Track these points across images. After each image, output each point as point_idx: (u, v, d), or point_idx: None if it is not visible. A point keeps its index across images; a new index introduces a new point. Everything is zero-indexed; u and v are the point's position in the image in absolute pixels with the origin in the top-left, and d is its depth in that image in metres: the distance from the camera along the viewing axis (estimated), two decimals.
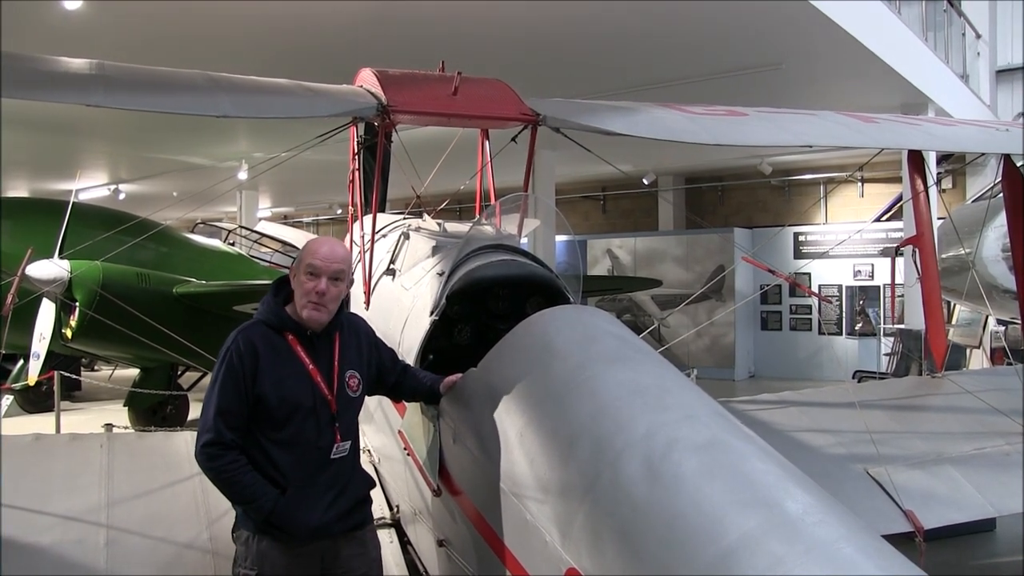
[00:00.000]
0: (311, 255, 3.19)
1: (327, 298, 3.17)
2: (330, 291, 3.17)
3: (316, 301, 3.16)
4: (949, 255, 10.57)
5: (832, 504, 2.26)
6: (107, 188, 19.88)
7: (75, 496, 3.91)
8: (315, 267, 3.16)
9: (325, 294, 3.16)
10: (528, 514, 2.69)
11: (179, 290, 10.44)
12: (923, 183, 5.99)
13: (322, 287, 3.15)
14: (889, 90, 11.99)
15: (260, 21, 8.95)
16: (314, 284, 3.15)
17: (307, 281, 3.16)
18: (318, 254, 3.19)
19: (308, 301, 3.16)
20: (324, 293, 3.15)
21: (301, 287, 3.18)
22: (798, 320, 18.41)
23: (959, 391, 5.66)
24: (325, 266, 3.17)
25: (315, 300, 3.15)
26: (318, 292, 3.15)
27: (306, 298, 3.16)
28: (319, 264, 3.17)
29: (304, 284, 3.16)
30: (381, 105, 4.16)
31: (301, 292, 3.17)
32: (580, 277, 4.35)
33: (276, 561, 3.06)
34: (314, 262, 3.17)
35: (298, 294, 3.19)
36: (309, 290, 3.15)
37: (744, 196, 20.79)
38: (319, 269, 3.16)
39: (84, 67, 3.74)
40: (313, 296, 3.15)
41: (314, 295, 3.15)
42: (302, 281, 3.17)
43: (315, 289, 3.14)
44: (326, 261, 3.18)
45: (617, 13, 8.99)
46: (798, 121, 5.14)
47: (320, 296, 3.15)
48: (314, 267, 3.16)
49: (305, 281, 3.16)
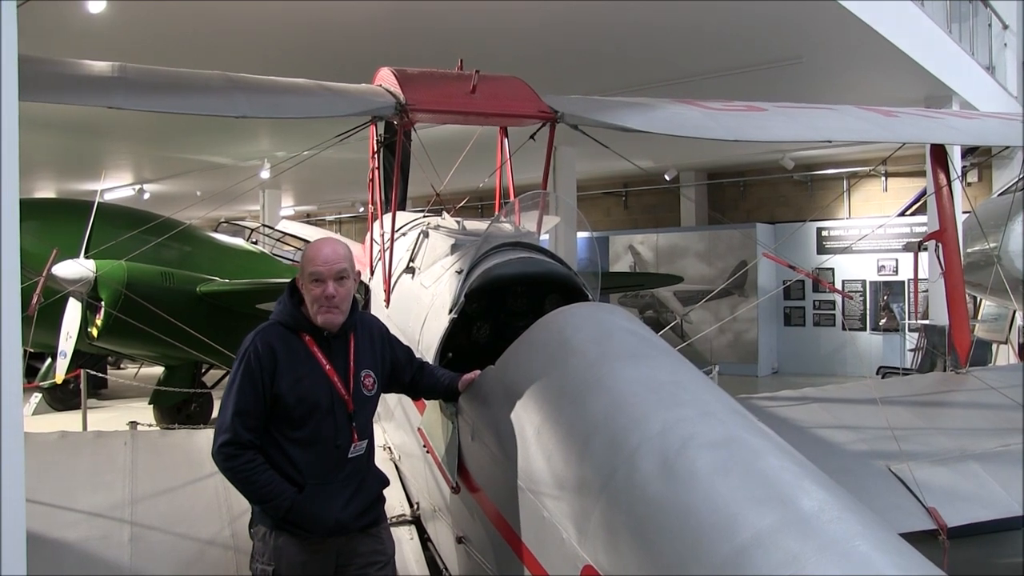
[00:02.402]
0: (311, 263, 3.22)
1: (337, 299, 3.20)
2: (339, 292, 3.20)
3: (327, 305, 3.19)
4: (974, 249, 10.44)
5: (849, 501, 2.25)
6: (132, 188, 20.09)
7: (100, 493, 3.98)
8: (319, 273, 3.19)
9: (335, 296, 3.19)
10: (545, 511, 2.70)
11: (203, 289, 10.54)
12: (946, 177, 5.92)
13: (330, 291, 3.18)
14: (912, 83, 11.84)
15: (279, 21, 8.99)
16: (321, 290, 3.18)
17: (314, 288, 3.19)
18: (318, 260, 3.22)
19: (320, 307, 3.19)
20: (333, 296, 3.19)
21: (310, 294, 3.21)
22: (821, 316, 18.26)
23: (983, 387, 5.59)
24: (327, 270, 3.19)
25: (326, 305, 3.18)
26: (327, 297, 3.18)
27: (317, 304, 3.19)
28: (321, 270, 3.19)
29: (312, 291, 3.20)
30: (400, 104, 4.19)
31: (311, 299, 3.20)
32: (599, 274, 4.36)
33: (293, 557, 3.10)
34: (316, 269, 3.20)
35: (308, 301, 3.22)
36: (318, 296, 3.18)
37: (766, 191, 20.64)
38: (322, 274, 3.19)
39: (105, 70, 3.80)
40: (323, 301, 3.18)
41: (324, 300, 3.18)
42: (309, 289, 3.20)
43: (324, 294, 3.18)
44: (327, 264, 3.20)
45: (635, 9, 8.94)
46: (817, 116, 5.11)
47: (330, 300, 3.18)
48: (318, 273, 3.19)
49: (312, 288, 3.19)
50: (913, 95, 11.97)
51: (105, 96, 3.53)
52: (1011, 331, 12.49)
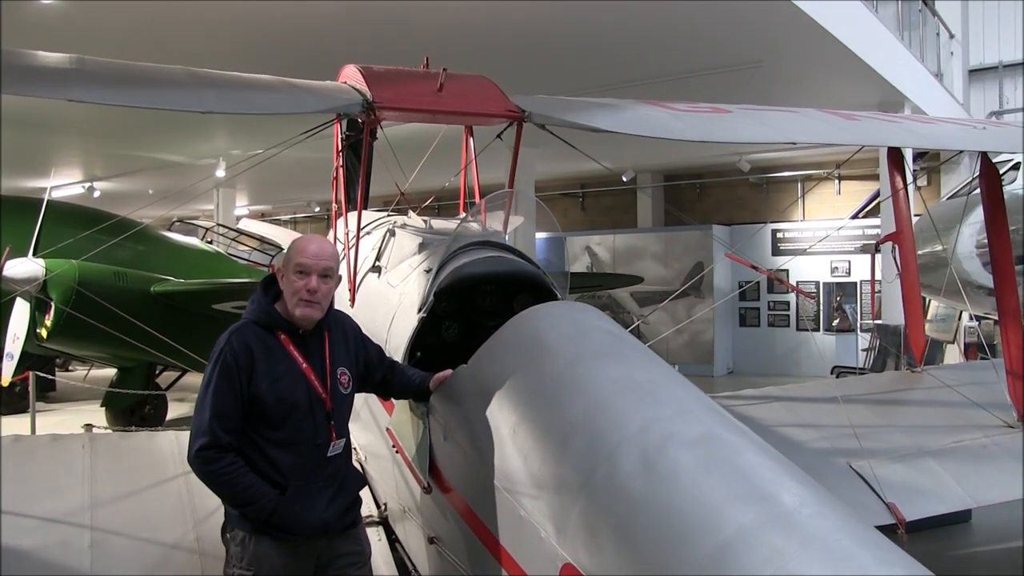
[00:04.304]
0: (300, 254, 3.19)
1: (319, 295, 3.17)
2: (321, 288, 3.18)
3: (307, 299, 3.16)
4: (925, 251, 10.67)
5: (827, 496, 2.28)
6: (81, 186, 19.62)
7: (58, 498, 3.85)
8: (305, 265, 3.16)
9: (317, 291, 3.16)
10: (522, 510, 2.68)
11: (157, 289, 10.33)
12: (903, 180, 6.04)
13: (313, 285, 3.15)
14: (867, 88, 12.09)
15: (239, 18, 8.86)
16: (304, 282, 3.15)
17: (297, 280, 3.16)
18: (307, 252, 3.19)
19: (299, 299, 3.16)
20: (316, 291, 3.16)
21: (291, 286, 3.17)
22: (776, 316, 18.53)
23: (938, 385, 5.72)
24: (315, 264, 3.17)
25: (306, 298, 3.16)
26: (309, 290, 3.15)
27: (297, 296, 3.16)
28: (308, 262, 3.17)
29: (294, 283, 3.16)
30: (367, 101, 4.13)
31: (291, 291, 3.16)
32: (567, 274, 4.36)
33: (274, 561, 3.05)
34: (304, 261, 3.17)
35: (288, 293, 3.18)
36: (300, 288, 3.15)
37: (723, 193, 20.90)
38: (309, 267, 3.16)
39: (63, 61, 3.67)
40: (304, 294, 3.15)
41: (305, 293, 3.15)
42: (292, 280, 3.17)
43: (306, 287, 3.15)
44: (315, 259, 3.18)
45: (599, 11, 8.98)
46: (781, 118, 5.16)
47: (312, 294, 3.16)
48: (304, 265, 3.16)
49: (295, 280, 3.16)
50: (868, 100, 12.22)
51: (65, 88, 3.41)
52: (958, 331, 12.82)
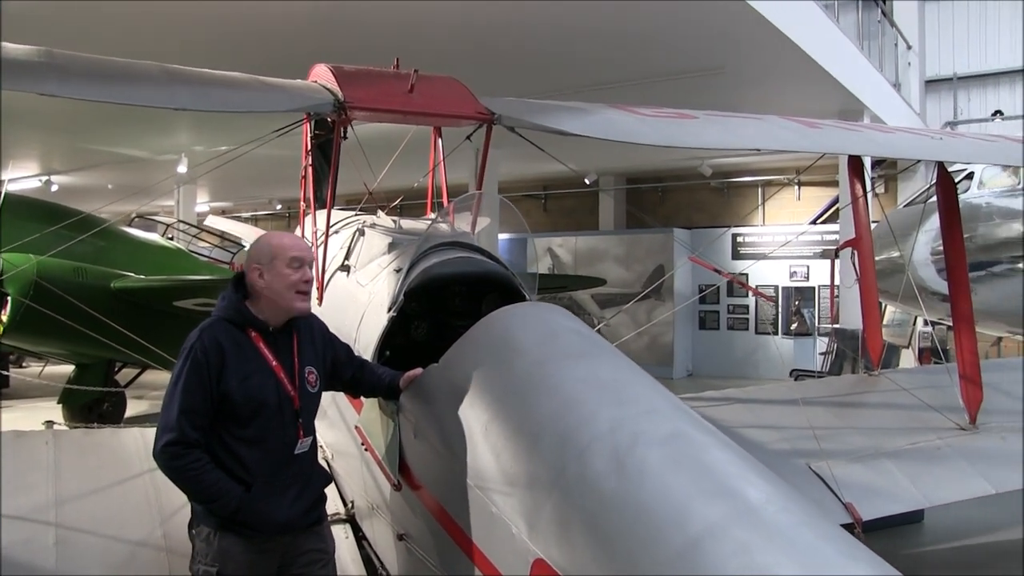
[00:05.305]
0: (288, 250, 3.21)
1: (310, 286, 3.26)
2: (310, 279, 3.28)
3: (304, 291, 3.21)
4: (883, 258, 10.90)
5: (791, 492, 2.35)
6: (39, 179, 19.26)
7: (21, 495, 3.80)
8: (300, 258, 3.21)
9: (310, 281, 3.25)
10: (494, 507, 2.72)
11: (117, 285, 10.20)
12: (862, 187, 6.18)
13: (309, 275, 3.24)
14: (827, 96, 12.30)
15: (205, 16, 8.78)
16: (301, 274, 3.20)
17: (292, 273, 3.18)
18: (293, 247, 3.23)
19: (296, 292, 3.19)
20: (311, 280, 3.25)
21: (284, 280, 3.18)
22: (735, 320, 18.78)
23: (894, 388, 5.86)
24: (307, 256, 3.25)
25: (304, 289, 3.21)
26: (307, 281, 3.22)
27: (293, 289, 3.19)
28: (303, 255, 3.23)
29: (289, 277, 3.18)
30: (338, 101, 4.14)
31: (285, 285, 3.18)
32: (536, 275, 4.41)
33: (239, 557, 3.05)
34: (296, 254, 3.21)
35: (279, 287, 3.18)
36: (296, 281, 3.19)
37: (684, 197, 21.12)
38: (304, 259, 3.22)
39: (32, 54, 3.62)
40: (301, 286, 3.20)
41: (302, 285, 3.20)
42: (286, 274, 3.18)
43: (303, 279, 3.21)
44: (304, 251, 3.26)
45: (566, 15, 9.05)
46: (746, 125, 5.26)
47: (308, 284, 3.23)
48: (299, 259, 3.21)
49: (290, 273, 3.18)
50: (829, 108, 12.42)
51: (37, 82, 3.38)
52: (913, 336, 13.12)
